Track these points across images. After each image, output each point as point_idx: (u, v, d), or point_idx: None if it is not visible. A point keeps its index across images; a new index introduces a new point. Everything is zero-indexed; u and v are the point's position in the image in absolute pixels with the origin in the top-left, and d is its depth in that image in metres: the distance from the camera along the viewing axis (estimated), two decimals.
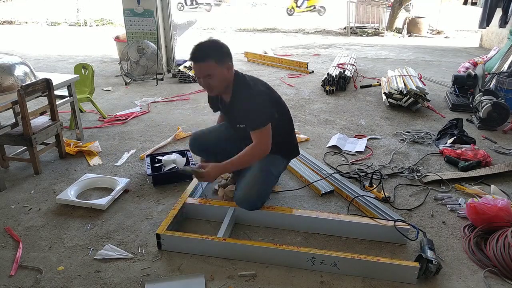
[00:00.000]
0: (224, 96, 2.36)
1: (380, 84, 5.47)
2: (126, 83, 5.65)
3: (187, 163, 3.02)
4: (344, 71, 5.45)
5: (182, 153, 3.13)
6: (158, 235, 2.17)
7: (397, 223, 2.25)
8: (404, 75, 4.99)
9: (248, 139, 2.25)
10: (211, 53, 2.13)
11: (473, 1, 7.56)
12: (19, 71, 3.08)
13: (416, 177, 2.98)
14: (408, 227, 2.24)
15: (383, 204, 2.58)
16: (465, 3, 7.63)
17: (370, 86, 5.50)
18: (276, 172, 2.50)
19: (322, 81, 5.46)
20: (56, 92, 3.37)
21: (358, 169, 3.12)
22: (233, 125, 2.45)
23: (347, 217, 2.35)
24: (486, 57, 6.42)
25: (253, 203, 2.34)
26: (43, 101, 3.74)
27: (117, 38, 6.81)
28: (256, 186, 2.31)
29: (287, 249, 2.05)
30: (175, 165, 2.95)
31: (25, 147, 3.14)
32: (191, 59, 2.15)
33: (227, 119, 2.58)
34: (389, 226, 2.25)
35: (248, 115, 2.22)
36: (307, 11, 16.14)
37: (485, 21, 6.56)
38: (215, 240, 2.13)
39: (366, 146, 3.54)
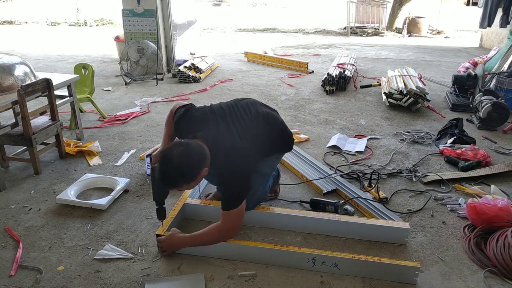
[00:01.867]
0: None
1: (380, 84, 5.47)
2: (126, 83, 5.65)
3: None
4: (344, 71, 5.45)
5: None
6: (158, 236, 2.16)
7: (397, 223, 2.25)
8: (404, 75, 4.99)
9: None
10: (178, 182, 1.94)
11: (474, 1, 7.52)
12: (19, 71, 3.08)
13: (414, 178, 2.98)
14: (408, 227, 2.24)
15: (382, 205, 2.59)
16: (468, 3, 7.58)
17: (370, 86, 5.49)
18: (264, 188, 2.43)
19: (322, 81, 5.46)
20: (56, 92, 3.37)
21: (344, 172, 3.11)
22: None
23: (347, 218, 2.35)
24: (486, 57, 6.41)
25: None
26: (43, 101, 3.75)
27: (117, 38, 6.81)
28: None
29: (287, 250, 2.05)
30: None
31: (25, 147, 3.13)
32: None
33: None
34: (389, 227, 2.25)
35: (223, 193, 2.13)
36: None
37: (486, 21, 6.55)
38: None
39: (366, 146, 3.54)
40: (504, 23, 6.40)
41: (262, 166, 2.31)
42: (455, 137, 3.54)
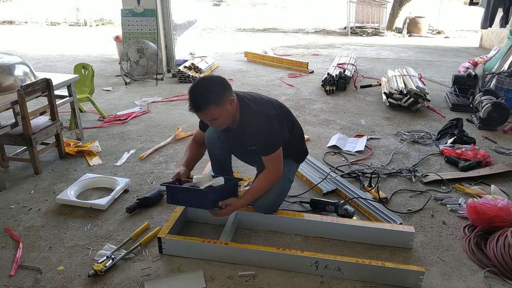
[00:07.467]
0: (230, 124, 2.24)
1: (380, 84, 5.47)
2: (126, 83, 5.65)
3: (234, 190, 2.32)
4: (344, 71, 5.45)
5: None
6: (159, 239, 2.15)
7: (401, 226, 2.24)
8: (404, 75, 4.99)
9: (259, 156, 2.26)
10: (207, 99, 2.01)
11: (475, 1, 7.50)
12: (19, 71, 3.08)
13: (414, 178, 2.97)
14: (413, 231, 2.22)
15: (382, 205, 2.59)
16: (471, 3, 7.55)
17: (370, 86, 5.49)
18: (292, 178, 2.49)
19: (322, 81, 5.46)
20: (56, 92, 3.37)
21: (342, 172, 3.11)
22: (241, 148, 2.39)
23: (350, 221, 2.33)
24: (486, 57, 6.41)
25: (271, 208, 2.36)
26: (43, 101, 3.75)
27: (117, 38, 6.81)
28: (275, 192, 2.32)
29: (290, 254, 2.03)
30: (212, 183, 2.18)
31: (25, 147, 3.13)
32: (191, 110, 2.05)
33: (232, 142, 2.41)
34: (393, 230, 2.23)
35: (261, 140, 2.18)
36: None
37: (488, 21, 6.54)
38: (217, 244, 2.11)
39: (366, 146, 3.54)
40: (504, 23, 6.40)
41: (288, 170, 2.38)
42: (455, 137, 3.54)
